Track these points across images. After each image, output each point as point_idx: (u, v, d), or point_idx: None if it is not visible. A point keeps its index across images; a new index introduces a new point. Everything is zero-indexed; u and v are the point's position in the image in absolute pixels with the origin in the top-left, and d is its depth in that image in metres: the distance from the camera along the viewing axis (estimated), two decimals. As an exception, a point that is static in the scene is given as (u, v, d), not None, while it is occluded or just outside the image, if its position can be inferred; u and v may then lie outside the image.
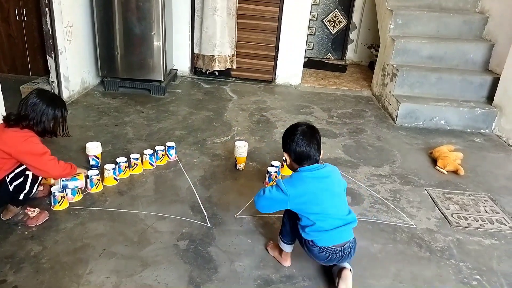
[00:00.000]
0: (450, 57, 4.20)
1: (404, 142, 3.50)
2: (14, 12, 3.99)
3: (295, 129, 1.77)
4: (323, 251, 1.72)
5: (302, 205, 1.70)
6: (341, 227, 1.72)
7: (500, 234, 2.32)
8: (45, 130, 1.99)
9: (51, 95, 2.04)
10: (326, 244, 1.71)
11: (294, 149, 1.74)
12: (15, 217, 2.06)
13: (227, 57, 4.67)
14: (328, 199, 1.72)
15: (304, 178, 1.71)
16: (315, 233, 1.70)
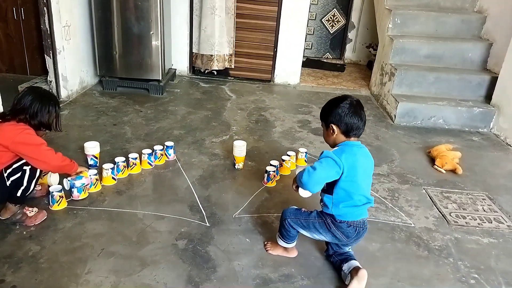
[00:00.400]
0: (448, 56, 4.21)
1: (403, 141, 3.50)
2: (12, 11, 3.98)
3: (344, 100, 1.77)
4: (351, 225, 1.77)
5: (350, 178, 1.70)
6: (366, 204, 1.78)
7: (498, 232, 2.33)
8: (41, 123, 2.01)
9: (43, 91, 2.08)
10: (355, 218, 1.76)
11: (346, 120, 1.74)
12: (14, 217, 2.05)
13: (226, 56, 4.67)
14: (367, 177, 1.79)
15: (355, 152, 1.73)
16: (348, 208, 1.74)
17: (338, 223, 1.77)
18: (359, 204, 1.75)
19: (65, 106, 3.66)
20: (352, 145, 1.75)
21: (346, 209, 1.75)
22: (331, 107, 1.80)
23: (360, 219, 1.79)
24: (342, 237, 1.80)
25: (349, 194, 1.73)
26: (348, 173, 1.69)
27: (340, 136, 1.78)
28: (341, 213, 1.75)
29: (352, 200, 1.74)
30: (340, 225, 1.77)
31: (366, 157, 1.79)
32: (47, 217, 2.13)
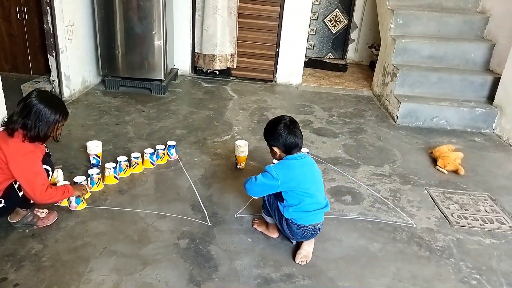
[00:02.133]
0: (450, 57, 4.20)
1: (405, 141, 3.50)
2: (16, 11, 3.99)
3: (279, 123, 1.94)
4: (300, 229, 1.92)
5: (291, 188, 1.89)
6: (318, 210, 1.95)
7: (500, 233, 2.32)
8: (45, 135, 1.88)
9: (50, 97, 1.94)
10: (304, 223, 1.92)
11: (283, 141, 1.91)
12: (24, 219, 2.02)
13: (228, 56, 4.68)
14: (313, 184, 1.95)
15: (292, 165, 1.92)
16: (297, 213, 1.90)
17: (290, 223, 1.93)
18: (309, 209, 1.91)
19: (68, 105, 3.66)
20: (292, 159, 1.93)
21: (297, 213, 1.90)
22: (269, 131, 1.98)
23: (311, 224, 1.93)
24: (289, 234, 1.98)
25: (296, 201, 1.89)
26: (289, 184, 1.88)
27: (282, 154, 1.96)
28: (292, 217, 1.91)
29: (300, 206, 1.89)
30: (291, 225, 1.93)
31: (307, 165, 1.96)
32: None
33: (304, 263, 1.95)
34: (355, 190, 2.66)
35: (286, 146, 1.92)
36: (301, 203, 1.89)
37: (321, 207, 1.95)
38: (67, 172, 2.55)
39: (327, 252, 2.05)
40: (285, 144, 1.91)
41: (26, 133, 1.84)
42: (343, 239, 2.17)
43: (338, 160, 3.06)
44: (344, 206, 2.47)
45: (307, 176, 1.93)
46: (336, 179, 2.77)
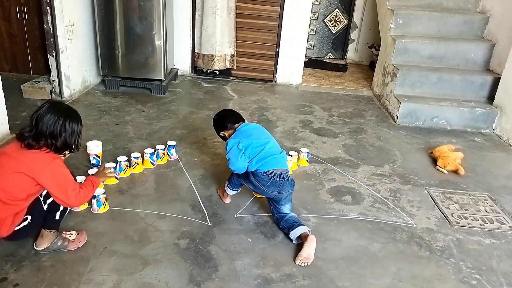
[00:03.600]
0: (450, 57, 4.20)
1: (405, 141, 3.50)
2: (16, 11, 3.99)
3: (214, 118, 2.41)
4: (265, 174, 2.11)
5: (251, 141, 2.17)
6: (276, 155, 2.18)
7: (500, 233, 2.32)
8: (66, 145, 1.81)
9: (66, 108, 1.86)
10: (267, 168, 2.11)
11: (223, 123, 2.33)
12: (54, 245, 1.89)
13: (227, 56, 4.67)
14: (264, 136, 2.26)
15: (244, 130, 2.27)
16: (260, 161, 2.12)
17: (257, 173, 2.13)
18: (268, 155, 2.14)
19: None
20: (238, 128, 2.29)
21: (259, 162, 2.13)
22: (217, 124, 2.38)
23: (274, 169, 2.12)
24: (259, 185, 2.13)
25: (258, 149, 2.15)
26: (245, 140, 2.17)
27: (230, 132, 2.31)
28: (256, 167, 2.13)
29: (260, 154, 2.14)
30: (257, 174, 2.13)
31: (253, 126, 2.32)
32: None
33: (304, 265, 1.94)
34: (355, 190, 2.66)
35: (228, 124, 2.30)
36: (262, 150, 2.14)
37: (277, 153, 2.19)
38: (67, 172, 2.55)
39: (327, 252, 2.05)
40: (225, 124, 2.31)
41: (51, 145, 1.77)
42: (343, 239, 2.17)
43: (338, 160, 3.06)
44: (344, 206, 2.47)
45: (257, 131, 2.28)
46: (336, 179, 2.77)
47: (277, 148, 2.24)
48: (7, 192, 1.73)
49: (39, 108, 1.78)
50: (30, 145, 1.74)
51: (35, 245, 1.91)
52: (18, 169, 1.72)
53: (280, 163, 2.17)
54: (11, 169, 1.73)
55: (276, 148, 2.24)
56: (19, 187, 1.74)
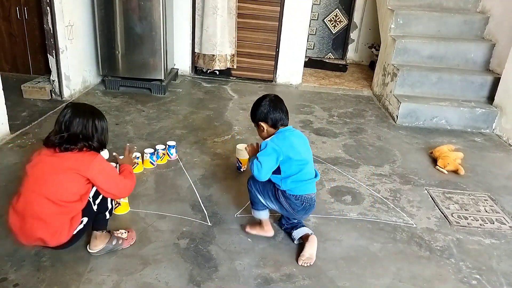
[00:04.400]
0: (450, 57, 4.20)
1: (405, 141, 3.50)
2: (16, 11, 3.99)
3: (264, 99, 2.01)
4: (299, 199, 1.94)
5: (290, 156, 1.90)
6: (313, 179, 1.98)
7: (500, 233, 2.32)
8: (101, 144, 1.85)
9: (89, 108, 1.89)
10: (302, 192, 1.94)
11: (269, 116, 1.97)
12: (109, 245, 1.91)
13: (228, 56, 4.67)
14: (306, 153, 1.99)
15: (286, 135, 1.95)
16: (295, 183, 1.91)
17: (288, 195, 1.94)
18: (305, 178, 1.94)
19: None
20: (283, 131, 1.97)
21: (294, 183, 1.91)
22: (255, 107, 2.03)
23: (308, 194, 1.95)
24: (289, 209, 1.97)
25: (296, 169, 1.91)
26: (287, 153, 1.89)
27: (270, 129, 2.00)
28: (290, 188, 1.92)
29: (298, 175, 1.91)
30: (290, 198, 1.94)
31: (299, 136, 2.01)
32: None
33: (307, 265, 1.94)
34: (355, 190, 2.66)
35: (273, 119, 1.97)
36: (300, 171, 1.91)
37: (313, 177, 1.99)
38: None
39: (327, 252, 2.05)
40: (272, 118, 1.97)
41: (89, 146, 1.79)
42: (343, 239, 2.17)
43: (338, 160, 3.06)
44: (344, 206, 2.47)
45: (301, 145, 1.98)
46: (336, 179, 2.77)
47: (313, 169, 2.02)
48: (61, 194, 1.72)
49: (65, 113, 1.78)
50: (68, 148, 1.74)
51: (89, 248, 1.90)
52: (66, 168, 1.72)
53: (314, 187, 2.00)
54: (59, 170, 1.72)
55: (313, 169, 2.01)
56: (71, 188, 1.75)
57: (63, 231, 1.75)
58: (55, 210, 1.71)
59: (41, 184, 1.71)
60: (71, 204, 1.75)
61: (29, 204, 1.71)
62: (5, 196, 2.28)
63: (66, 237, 1.77)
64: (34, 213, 1.70)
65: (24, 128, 3.12)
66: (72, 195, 1.75)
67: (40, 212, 1.70)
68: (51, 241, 1.75)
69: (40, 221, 1.70)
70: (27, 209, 1.71)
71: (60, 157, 1.74)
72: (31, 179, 1.74)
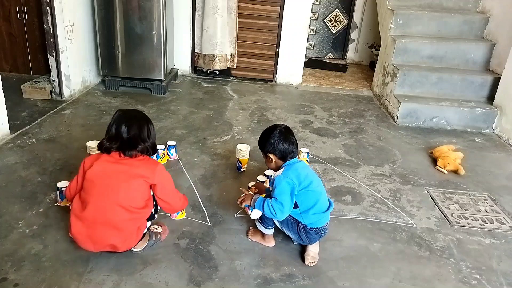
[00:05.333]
0: (450, 57, 4.20)
1: (405, 141, 3.50)
2: (15, 11, 3.99)
3: (274, 131, 1.96)
4: (318, 232, 1.92)
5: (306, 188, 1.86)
6: (329, 209, 1.95)
7: (500, 233, 2.32)
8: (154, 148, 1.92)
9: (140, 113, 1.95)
10: (320, 224, 1.91)
11: (278, 148, 1.93)
12: (150, 241, 1.95)
13: (228, 56, 4.68)
14: (319, 184, 1.95)
15: (296, 167, 1.91)
16: (316, 215, 1.88)
17: (309, 230, 1.90)
18: (324, 209, 1.92)
19: (68, 105, 3.67)
20: (293, 163, 1.93)
21: (315, 216, 1.88)
22: (264, 138, 1.98)
23: (324, 224, 1.94)
24: (306, 241, 1.94)
25: (312, 201, 1.88)
26: (302, 185, 1.85)
27: (278, 161, 1.96)
28: (312, 221, 1.88)
29: (317, 207, 1.88)
30: (310, 232, 1.90)
31: (307, 167, 2.00)
32: (49, 215, 2.14)
33: (313, 265, 1.94)
34: (355, 190, 2.66)
35: (282, 152, 1.93)
36: (317, 202, 1.88)
37: (330, 206, 1.96)
38: (67, 172, 2.55)
39: (327, 252, 2.05)
40: (281, 150, 1.93)
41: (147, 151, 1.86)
42: (343, 239, 2.17)
43: (338, 160, 3.06)
44: (344, 206, 2.47)
45: (312, 176, 1.94)
46: (336, 179, 2.77)
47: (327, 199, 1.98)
48: (132, 201, 1.78)
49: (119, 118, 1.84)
50: (132, 155, 1.81)
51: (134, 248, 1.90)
52: (135, 175, 1.78)
53: (328, 217, 1.97)
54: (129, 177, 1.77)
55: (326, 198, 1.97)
56: (141, 195, 1.82)
57: (133, 236, 1.82)
58: (127, 216, 1.77)
59: (114, 192, 1.75)
60: (141, 210, 1.82)
61: (101, 212, 1.75)
62: (5, 196, 2.29)
63: (135, 242, 1.86)
64: (107, 221, 1.75)
65: (24, 128, 3.12)
66: (141, 201, 1.82)
67: (114, 220, 1.75)
68: (122, 247, 1.82)
69: (114, 228, 1.76)
70: (98, 217, 1.75)
71: (127, 164, 1.80)
72: (100, 187, 1.77)
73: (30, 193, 2.32)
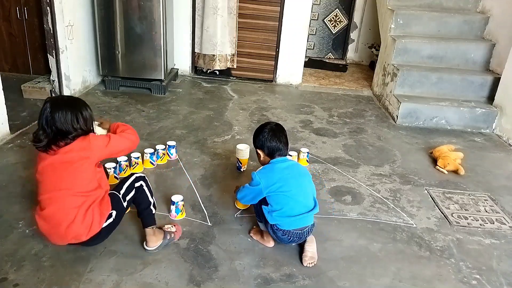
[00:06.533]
0: (450, 57, 4.20)
1: (405, 141, 3.50)
2: (16, 11, 3.99)
3: (264, 127, 2.02)
4: (286, 234, 1.91)
5: (273, 191, 1.89)
6: (304, 214, 1.91)
7: (500, 233, 2.32)
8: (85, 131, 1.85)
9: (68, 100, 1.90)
10: (289, 228, 1.89)
11: (266, 144, 1.98)
12: (164, 240, 1.96)
13: (228, 56, 4.68)
14: (297, 187, 1.92)
15: (275, 168, 1.95)
16: (281, 218, 1.88)
17: (275, 229, 1.91)
18: (293, 214, 1.88)
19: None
20: (275, 163, 1.96)
21: (280, 218, 1.88)
22: (256, 134, 2.04)
23: (297, 229, 1.90)
24: (277, 239, 1.97)
25: (279, 205, 1.88)
26: (271, 187, 1.88)
27: (266, 158, 2.01)
28: (276, 222, 1.89)
29: (283, 210, 1.88)
30: (276, 231, 1.91)
31: (291, 168, 1.96)
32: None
33: (312, 265, 1.94)
34: (355, 190, 2.66)
35: (270, 148, 1.98)
36: (284, 207, 1.87)
37: (307, 210, 1.91)
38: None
39: (327, 252, 2.05)
40: (269, 147, 1.98)
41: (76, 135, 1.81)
42: (343, 239, 2.17)
43: (338, 160, 3.06)
44: (344, 206, 2.47)
45: (289, 179, 1.91)
46: (336, 179, 2.77)
47: (306, 203, 1.93)
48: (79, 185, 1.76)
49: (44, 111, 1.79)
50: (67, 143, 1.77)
51: (148, 246, 1.93)
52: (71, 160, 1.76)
53: (306, 221, 1.92)
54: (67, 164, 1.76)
55: (305, 203, 1.92)
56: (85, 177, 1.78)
57: (94, 221, 1.78)
58: (80, 201, 1.75)
59: (58, 182, 1.75)
60: (93, 192, 1.79)
61: (55, 205, 1.75)
62: (5, 196, 2.29)
63: (98, 227, 1.80)
64: (63, 212, 1.74)
65: (24, 128, 3.12)
66: (89, 182, 1.79)
67: (68, 209, 1.74)
68: (86, 235, 1.78)
69: (72, 218, 1.74)
70: (54, 211, 1.75)
71: (61, 152, 1.77)
72: (46, 182, 1.78)
73: (30, 193, 2.32)
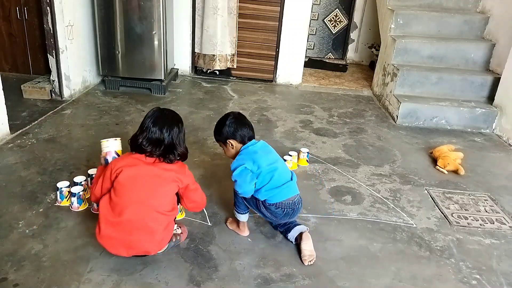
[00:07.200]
0: (450, 57, 4.20)
1: (405, 141, 3.50)
2: (16, 11, 3.99)
3: (228, 117, 2.06)
4: (279, 207, 1.96)
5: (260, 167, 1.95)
6: (288, 182, 1.99)
7: (500, 233, 2.32)
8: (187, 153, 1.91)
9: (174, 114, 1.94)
10: (280, 199, 1.95)
11: (238, 132, 2.02)
12: (171, 242, 1.93)
13: (228, 56, 4.68)
14: (275, 161, 2.02)
15: (248, 151, 2.01)
16: (269, 191, 1.94)
17: (268, 205, 1.97)
18: (278, 184, 1.96)
19: (68, 105, 3.67)
20: (247, 146, 2.03)
21: (269, 192, 1.94)
22: (220, 126, 2.06)
23: (286, 199, 1.97)
24: (272, 217, 2.02)
25: (267, 178, 1.95)
26: (255, 166, 1.95)
27: (238, 145, 2.05)
28: (267, 197, 1.95)
29: (270, 183, 1.94)
30: (269, 207, 1.97)
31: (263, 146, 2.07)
32: (49, 216, 2.14)
33: (313, 262, 1.94)
34: (355, 190, 2.66)
35: (242, 135, 2.03)
36: (272, 179, 1.94)
37: (289, 179, 2.01)
38: (67, 172, 2.55)
39: (327, 252, 2.05)
40: (240, 134, 2.02)
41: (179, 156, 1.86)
42: (343, 239, 2.17)
43: (338, 160, 3.06)
44: (344, 206, 2.47)
45: (267, 154, 2.03)
46: (336, 179, 2.77)
47: (287, 173, 2.04)
48: (166, 205, 1.80)
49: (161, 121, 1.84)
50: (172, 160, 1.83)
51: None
52: (170, 179, 1.79)
53: (292, 190, 2.01)
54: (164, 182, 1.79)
55: (286, 173, 2.04)
56: (171, 198, 1.84)
57: (164, 240, 1.83)
58: (163, 221, 1.79)
59: (151, 197, 1.76)
60: (171, 213, 1.83)
61: (139, 218, 1.74)
62: (5, 196, 2.29)
63: (165, 244, 1.86)
64: (145, 226, 1.74)
65: (24, 128, 3.12)
66: (170, 204, 1.83)
67: (152, 225, 1.75)
68: (154, 251, 1.83)
69: (150, 233, 1.76)
70: (136, 223, 1.74)
71: (162, 168, 1.80)
72: (136, 191, 1.76)
73: (30, 193, 2.32)
